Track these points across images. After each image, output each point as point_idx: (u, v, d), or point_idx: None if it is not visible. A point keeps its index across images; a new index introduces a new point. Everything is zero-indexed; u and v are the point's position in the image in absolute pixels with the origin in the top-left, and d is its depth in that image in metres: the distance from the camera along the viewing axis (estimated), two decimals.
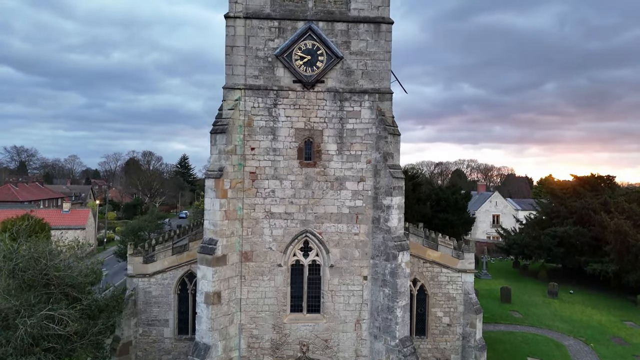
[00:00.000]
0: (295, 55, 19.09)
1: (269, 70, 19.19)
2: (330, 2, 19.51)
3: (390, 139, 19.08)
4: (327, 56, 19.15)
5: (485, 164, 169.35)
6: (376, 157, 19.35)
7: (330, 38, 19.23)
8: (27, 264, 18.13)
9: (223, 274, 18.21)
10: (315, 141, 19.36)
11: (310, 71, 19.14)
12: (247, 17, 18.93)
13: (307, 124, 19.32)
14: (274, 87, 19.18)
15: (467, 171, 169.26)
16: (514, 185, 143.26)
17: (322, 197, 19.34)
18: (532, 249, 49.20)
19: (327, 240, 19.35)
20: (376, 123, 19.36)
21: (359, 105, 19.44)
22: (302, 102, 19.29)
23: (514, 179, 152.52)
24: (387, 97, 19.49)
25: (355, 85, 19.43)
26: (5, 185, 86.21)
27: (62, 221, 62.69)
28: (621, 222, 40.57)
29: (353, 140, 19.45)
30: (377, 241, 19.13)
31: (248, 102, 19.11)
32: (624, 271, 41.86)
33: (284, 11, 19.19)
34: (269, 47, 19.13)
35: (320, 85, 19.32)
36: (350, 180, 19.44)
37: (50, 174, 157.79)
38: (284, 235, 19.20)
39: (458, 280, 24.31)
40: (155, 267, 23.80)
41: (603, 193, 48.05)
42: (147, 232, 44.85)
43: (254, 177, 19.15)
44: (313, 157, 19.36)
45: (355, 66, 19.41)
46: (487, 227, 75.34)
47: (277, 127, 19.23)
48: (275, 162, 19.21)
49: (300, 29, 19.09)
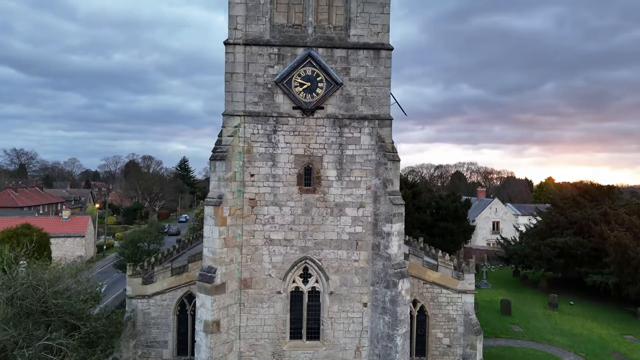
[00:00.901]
0: (295, 82, 19.03)
1: (268, 96, 19.14)
2: (329, 28, 19.46)
3: (390, 165, 19.03)
4: (326, 83, 19.10)
5: (485, 167, 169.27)
6: (376, 183, 19.30)
7: (330, 64, 19.17)
8: (25, 292, 18.06)
9: (222, 302, 18.15)
10: (315, 167, 19.30)
11: (309, 98, 19.09)
12: (246, 44, 18.89)
13: (306, 150, 19.27)
14: (274, 114, 19.12)
15: (467, 174, 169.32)
16: (513, 188, 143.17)
17: (322, 223, 19.29)
18: (532, 259, 49.16)
19: (327, 267, 19.30)
20: (376, 149, 19.30)
21: (359, 131, 19.39)
22: (302, 128, 19.23)
23: (514, 182, 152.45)
24: (386, 123, 19.44)
25: (355, 112, 19.38)
26: (4, 191, 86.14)
27: (61, 229, 62.62)
28: (621, 235, 40.50)
29: (353, 166, 19.40)
30: (377, 268, 19.08)
31: (247, 128, 19.05)
32: (624, 283, 41.81)
33: (283, 38, 19.14)
34: (268, 73, 19.08)
35: (320, 112, 19.27)
36: (350, 206, 19.39)
37: (50, 176, 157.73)
38: (283, 262, 19.15)
39: (458, 301, 24.23)
40: (155, 288, 23.70)
41: (603, 203, 47.97)
42: (146, 243, 44.73)
43: (253, 204, 19.10)
44: (313, 183, 19.32)
45: (354, 92, 19.36)
46: (487, 234, 75.27)
47: (277, 154, 19.17)
48: (274, 188, 19.16)
49: (300, 55, 19.03)
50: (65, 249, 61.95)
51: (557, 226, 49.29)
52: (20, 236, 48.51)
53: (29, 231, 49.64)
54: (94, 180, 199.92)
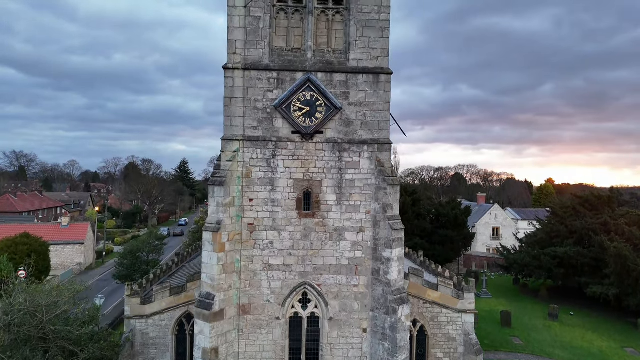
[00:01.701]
0: (294, 107, 18.92)
1: (267, 121, 19.03)
2: (329, 51, 19.35)
3: (390, 190, 18.92)
4: (326, 107, 18.99)
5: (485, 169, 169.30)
6: (375, 208, 19.19)
7: (329, 89, 19.06)
8: (23, 319, 17.97)
9: (220, 329, 18.06)
10: (314, 192, 19.20)
11: (309, 122, 18.98)
12: (245, 69, 18.78)
13: (305, 174, 19.17)
14: (273, 138, 19.02)
15: (467, 176, 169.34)
16: (513, 190, 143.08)
17: (321, 248, 19.19)
18: (532, 268, 49.11)
19: (326, 292, 19.20)
20: (375, 174, 19.20)
21: (358, 155, 19.29)
22: (301, 152, 19.13)
23: (514, 184, 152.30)
24: (386, 148, 19.34)
25: (354, 136, 19.27)
26: (4, 196, 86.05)
27: (60, 236, 62.55)
28: (621, 247, 40.42)
29: (352, 190, 19.29)
30: (377, 293, 18.98)
31: (246, 153, 18.95)
32: (624, 294, 41.74)
33: (282, 62, 19.02)
34: (267, 98, 18.97)
35: (319, 136, 19.16)
36: (349, 231, 19.28)
37: (49, 178, 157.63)
38: (282, 287, 19.05)
39: (458, 320, 24.17)
40: (153, 308, 23.61)
41: (603, 213, 47.89)
42: (145, 253, 44.62)
43: (252, 229, 19.00)
44: (312, 208, 19.21)
45: (354, 117, 19.25)
46: (487, 240, 75.19)
47: (276, 178, 19.07)
48: (273, 213, 19.06)
49: (299, 80, 18.92)
50: (65, 256, 61.89)
51: (558, 235, 49.20)
52: (19, 245, 48.52)
53: (28, 240, 49.61)
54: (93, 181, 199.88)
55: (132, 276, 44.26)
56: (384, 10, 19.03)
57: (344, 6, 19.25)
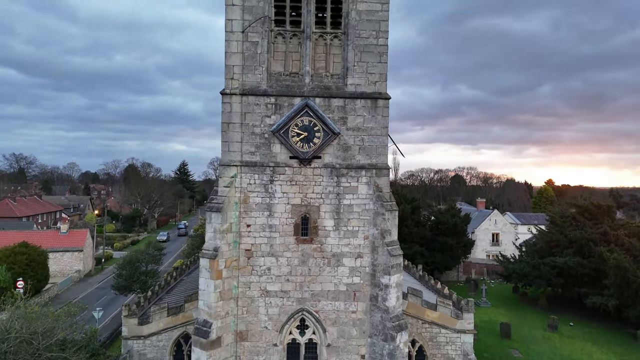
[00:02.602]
0: (292, 132, 18.82)
1: (265, 146, 18.93)
2: (327, 76, 19.26)
3: (388, 216, 18.83)
4: (323, 132, 18.89)
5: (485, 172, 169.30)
6: (374, 233, 19.10)
7: (327, 114, 18.96)
8: (19, 347, 17.90)
9: (218, 357, 17.97)
10: (312, 217, 19.10)
11: (307, 147, 18.88)
12: (243, 94, 18.68)
13: (303, 199, 19.07)
14: (271, 164, 18.92)
15: (467, 178, 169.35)
16: (513, 193, 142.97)
17: (319, 274, 19.10)
18: (531, 278, 49.03)
19: (324, 319, 19.11)
20: (373, 199, 19.11)
21: (356, 180, 19.19)
22: (299, 178, 19.03)
23: (513, 187, 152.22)
24: (384, 173, 19.24)
25: (352, 161, 19.18)
26: (3, 201, 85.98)
27: (59, 243, 62.43)
28: (621, 258, 40.35)
29: (350, 216, 19.20)
30: (375, 320, 18.89)
31: (244, 178, 18.85)
32: (624, 306, 41.68)
33: (280, 87, 18.92)
34: (265, 123, 18.87)
35: (317, 161, 19.06)
36: (347, 256, 19.19)
37: (49, 181, 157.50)
38: (279, 313, 18.96)
39: (457, 341, 24.09)
40: (151, 328, 23.51)
41: (603, 223, 47.80)
42: (144, 264, 44.51)
43: (249, 255, 18.90)
44: (310, 234, 19.12)
45: (352, 142, 19.15)
46: (487, 246, 75.10)
47: (274, 204, 18.98)
48: (271, 238, 18.96)
49: (297, 105, 18.81)
50: (64, 264, 61.80)
51: (557, 245, 49.13)
52: (17, 255, 48.45)
53: (26, 250, 49.55)
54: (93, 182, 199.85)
55: (130, 287, 44.21)
56: (381, 35, 18.93)
57: (341, 30, 19.15)
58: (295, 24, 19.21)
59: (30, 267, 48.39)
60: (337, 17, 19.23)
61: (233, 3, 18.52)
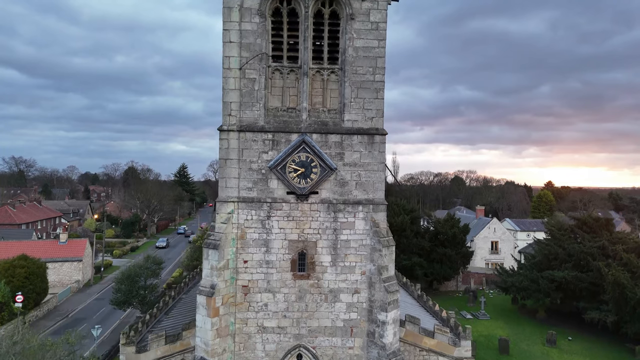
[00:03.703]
0: (289, 168, 18.84)
1: (262, 182, 18.95)
2: (324, 111, 19.28)
3: (385, 252, 18.87)
4: (321, 168, 18.91)
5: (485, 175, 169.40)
6: (371, 269, 19.14)
7: (324, 150, 18.98)
8: None
9: None
10: (309, 253, 19.13)
11: (304, 183, 18.90)
12: (241, 131, 18.69)
13: (300, 235, 19.10)
14: (268, 199, 18.95)
15: (467, 182, 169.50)
16: (512, 197, 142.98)
17: (316, 310, 19.12)
18: (530, 292, 49.14)
19: (321, 355, 19.14)
20: (370, 234, 19.14)
21: (353, 216, 19.22)
22: (296, 213, 19.05)
23: (513, 190, 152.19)
24: (381, 208, 19.26)
25: (349, 196, 19.20)
26: (2, 208, 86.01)
27: (59, 253, 62.49)
28: (619, 275, 40.36)
29: (347, 251, 19.23)
30: (372, 356, 18.93)
31: (241, 214, 18.88)
32: (622, 321, 41.74)
33: (277, 123, 18.94)
34: (262, 159, 18.89)
35: (314, 197, 19.08)
36: (344, 292, 19.22)
37: (48, 184, 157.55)
38: (277, 350, 18.98)
39: None
40: (148, 357, 23.39)
41: (602, 237, 47.82)
42: (143, 278, 44.54)
43: (246, 291, 18.93)
44: (307, 269, 19.14)
45: (349, 177, 19.18)
46: (486, 254, 75.17)
47: (271, 239, 19.00)
48: (268, 274, 18.99)
49: (294, 141, 18.83)
50: (63, 274, 61.85)
51: (556, 258, 49.15)
52: (16, 268, 48.47)
53: (25, 263, 49.55)
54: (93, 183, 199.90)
55: (129, 302, 44.23)
56: (378, 71, 18.95)
57: (338, 66, 19.16)
58: (293, 59, 19.23)
59: (29, 280, 48.41)
60: (334, 52, 19.27)
61: (230, 40, 18.53)
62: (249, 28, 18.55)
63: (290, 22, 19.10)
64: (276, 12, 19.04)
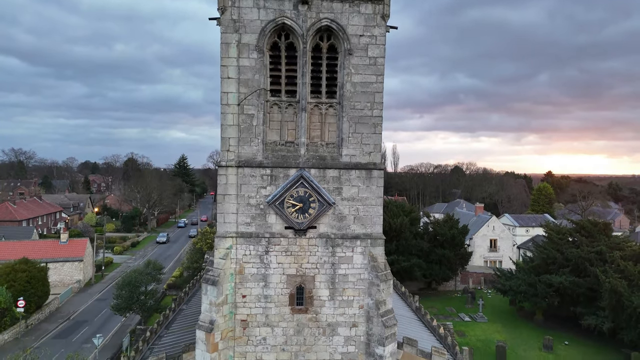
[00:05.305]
0: (288, 203, 18.88)
1: (260, 217, 19.01)
2: (322, 145, 19.26)
3: (382, 287, 19.00)
4: (319, 203, 18.95)
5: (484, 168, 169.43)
6: (368, 303, 19.28)
7: (322, 184, 19.00)
8: None
9: None
10: (307, 287, 19.25)
11: (302, 218, 18.95)
12: (239, 166, 18.69)
13: (298, 270, 19.20)
14: (266, 234, 19.02)
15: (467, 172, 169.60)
16: (512, 190, 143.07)
17: (314, 343, 19.30)
18: (528, 295, 49.51)
19: None
20: (368, 269, 19.24)
21: (351, 250, 19.30)
22: (294, 248, 19.14)
23: (513, 183, 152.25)
24: (378, 243, 19.34)
25: (347, 231, 19.27)
26: (3, 204, 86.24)
27: (60, 253, 62.80)
28: (616, 283, 40.64)
29: (345, 285, 19.34)
30: None
31: (240, 249, 18.96)
32: (618, 328, 42.12)
33: (276, 159, 18.93)
34: (261, 194, 18.92)
35: (312, 231, 19.15)
36: (342, 326, 19.38)
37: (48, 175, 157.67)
38: None
39: None
40: None
41: (599, 241, 48.02)
42: (144, 286, 44.85)
43: (245, 325, 19.09)
44: (305, 303, 19.27)
45: (347, 212, 19.23)
46: (485, 252, 75.49)
47: (269, 274, 19.11)
48: (266, 309, 19.13)
49: (292, 176, 18.84)
50: (64, 274, 62.23)
51: (554, 262, 49.44)
52: (18, 272, 48.75)
53: (26, 267, 49.84)
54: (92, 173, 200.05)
55: (130, 307, 44.61)
56: (376, 106, 18.90)
57: (336, 100, 19.11)
58: (291, 93, 19.16)
59: (30, 284, 48.75)
60: (332, 86, 19.18)
61: (229, 76, 18.45)
62: (247, 64, 18.46)
63: (288, 56, 18.99)
64: (274, 47, 18.93)
